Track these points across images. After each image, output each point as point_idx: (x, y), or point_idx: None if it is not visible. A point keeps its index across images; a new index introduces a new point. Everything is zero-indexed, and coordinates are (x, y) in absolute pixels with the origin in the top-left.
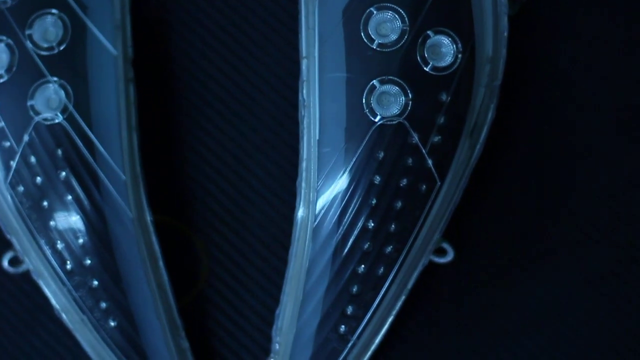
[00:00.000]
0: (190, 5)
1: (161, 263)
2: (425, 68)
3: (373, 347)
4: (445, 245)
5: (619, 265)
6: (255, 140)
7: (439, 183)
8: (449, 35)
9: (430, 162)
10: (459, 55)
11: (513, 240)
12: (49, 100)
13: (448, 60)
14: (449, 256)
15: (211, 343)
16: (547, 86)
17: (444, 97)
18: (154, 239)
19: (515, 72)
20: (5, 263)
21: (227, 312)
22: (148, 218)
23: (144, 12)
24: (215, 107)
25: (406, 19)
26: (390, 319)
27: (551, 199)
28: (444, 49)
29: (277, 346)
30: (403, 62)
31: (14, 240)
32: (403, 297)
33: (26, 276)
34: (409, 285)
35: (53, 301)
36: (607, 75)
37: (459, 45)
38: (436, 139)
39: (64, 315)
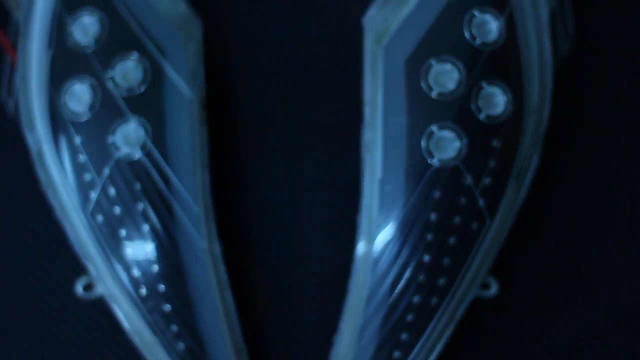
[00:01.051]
0: (258, 51)
1: (228, 290)
2: (478, 116)
3: None
4: (490, 280)
5: None
6: (315, 177)
7: (488, 222)
8: (500, 87)
9: (481, 202)
10: (509, 105)
11: (552, 277)
12: (129, 137)
13: (499, 109)
14: (493, 290)
15: None
16: (588, 135)
17: (495, 143)
18: (222, 268)
19: (559, 122)
20: (80, 288)
21: (285, 338)
22: (217, 249)
23: (215, 59)
24: (278, 146)
25: (463, 71)
26: (439, 347)
27: (589, 240)
28: (496, 99)
29: None
30: (459, 110)
31: (90, 267)
32: (452, 327)
33: (94, 302)
34: (458, 316)
35: (126, 324)
36: None
37: (510, 96)
38: (487, 181)
39: (136, 338)
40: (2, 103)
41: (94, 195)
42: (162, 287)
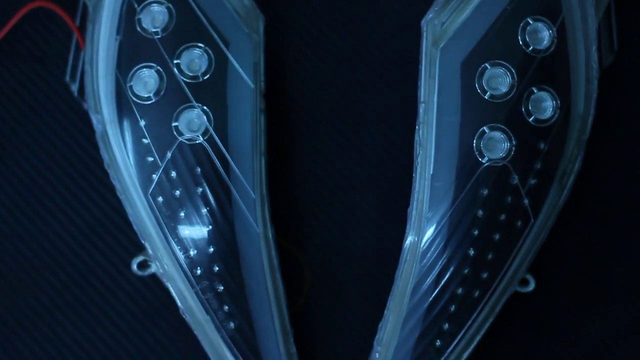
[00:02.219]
0: (316, 47)
1: (278, 274)
2: (528, 119)
3: None
4: (528, 276)
5: None
6: (366, 170)
7: (532, 220)
8: (549, 92)
9: (526, 201)
10: (557, 110)
11: (587, 278)
12: (191, 123)
13: (548, 113)
14: (531, 286)
15: (315, 349)
16: (628, 143)
17: (542, 145)
18: (274, 253)
19: (601, 129)
20: (135, 266)
21: (329, 323)
22: (270, 234)
23: (274, 52)
24: (332, 139)
25: (515, 75)
26: (478, 338)
27: (625, 244)
28: (545, 104)
29: (377, 355)
30: (510, 113)
31: (147, 246)
32: (491, 319)
33: (145, 280)
34: (497, 309)
35: (179, 302)
36: None
37: (558, 101)
38: (533, 181)
39: (187, 316)
40: (66, 87)
41: (155, 176)
42: (216, 267)
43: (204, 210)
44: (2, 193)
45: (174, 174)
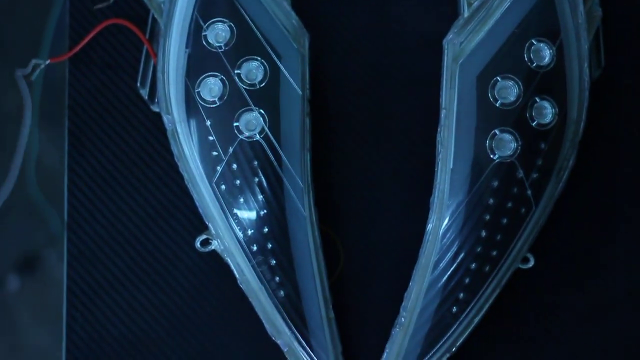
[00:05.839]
0: (353, 61)
1: (320, 252)
2: (532, 123)
3: (473, 325)
4: (529, 255)
5: None
6: (394, 166)
7: (534, 208)
8: (549, 101)
9: (529, 192)
10: (556, 116)
11: (579, 256)
12: (250, 123)
13: (548, 119)
14: (531, 263)
15: (349, 315)
16: (614, 142)
17: (542, 145)
18: (317, 233)
19: (591, 132)
20: (198, 244)
21: (362, 293)
22: (314, 217)
23: (317, 64)
24: (365, 139)
25: (521, 87)
26: (487, 306)
27: (611, 227)
28: (546, 111)
29: (402, 319)
30: (517, 118)
31: (210, 226)
32: (498, 290)
33: (203, 257)
34: (503, 282)
35: (237, 274)
36: None
37: (556, 109)
38: (535, 175)
39: (244, 285)
40: (136, 91)
41: (219, 168)
42: (269, 245)
43: (260, 197)
44: (82, 182)
45: (235, 166)
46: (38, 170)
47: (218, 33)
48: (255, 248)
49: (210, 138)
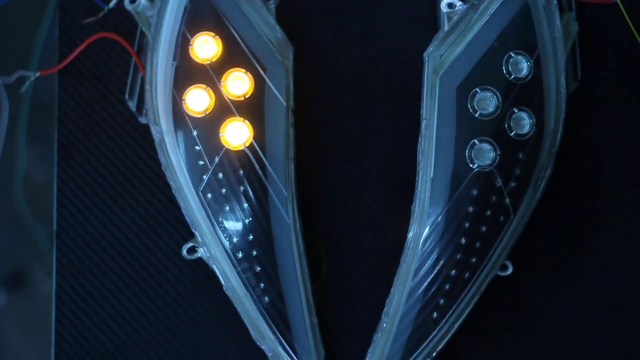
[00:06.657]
0: (335, 74)
1: (304, 259)
2: (510, 134)
3: (453, 330)
4: (507, 262)
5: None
6: (376, 174)
7: (512, 216)
8: (527, 112)
9: (507, 200)
10: (534, 127)
11: (556, 263)
12: (236, 134)
13: (526, 129)
14: (509, 270)
15: (331, 320)
16: (590, 153)
17: (520, 155)
18: (301, 241)
19: (567, 143)
20: (184, 251)
21: (344, 299)
22: (298, 225)
23: (301, 76)
24: (348, 149)
25: (500, 98)
26: (467, 311)
27: (587, 236)
28: (524, 122)
29: (384, 325)
30: (495, 128)
31: (196, 234)
32: (477, 297)
33: (189, 265)
34: (482, 289)
35: (222, 281)
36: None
37: (534, 120)
38: (513, 184)
39: (229, 292)
40: (124, 103)
41: (205, 177)
42: (254, 252)
43: (245, 205)
44: (71, 193)
45: (220, 175)
46: (25, 186)
47: (205, 46)
48: (240, 255)
49: (197, 148)
